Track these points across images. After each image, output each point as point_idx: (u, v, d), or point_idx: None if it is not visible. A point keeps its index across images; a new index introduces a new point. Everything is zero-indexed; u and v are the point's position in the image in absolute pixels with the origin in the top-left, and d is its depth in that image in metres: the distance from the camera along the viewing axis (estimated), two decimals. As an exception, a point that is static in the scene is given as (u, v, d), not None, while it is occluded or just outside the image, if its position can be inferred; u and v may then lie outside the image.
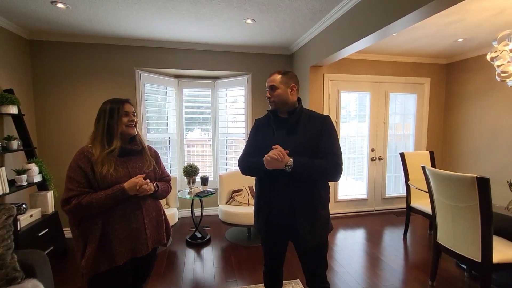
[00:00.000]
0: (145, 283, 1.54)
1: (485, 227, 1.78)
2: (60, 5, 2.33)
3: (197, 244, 3.03)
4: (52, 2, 2.28)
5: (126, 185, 1.27)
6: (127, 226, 1.30)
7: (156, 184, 1.44)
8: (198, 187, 3.18)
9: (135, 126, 1.39)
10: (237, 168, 3.66)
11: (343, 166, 1.38)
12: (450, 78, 4.16)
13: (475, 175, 1.75)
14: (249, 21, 2.70)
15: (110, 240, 1.26)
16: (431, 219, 3.06)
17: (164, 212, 1.53)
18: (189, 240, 3.08)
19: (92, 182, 1.25)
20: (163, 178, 1.57)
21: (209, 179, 3.59)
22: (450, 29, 2.89)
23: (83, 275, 1.25)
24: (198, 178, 3.21)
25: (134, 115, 1.40)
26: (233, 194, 3.28)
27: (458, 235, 1.97)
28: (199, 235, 3.13)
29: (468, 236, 1.89)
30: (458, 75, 4.02)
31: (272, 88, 1.45)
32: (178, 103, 3.84)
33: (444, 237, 2.11)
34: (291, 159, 1.31)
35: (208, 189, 3.19)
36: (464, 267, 2.49)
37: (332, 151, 1.36)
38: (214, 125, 3.99)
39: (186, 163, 3.21)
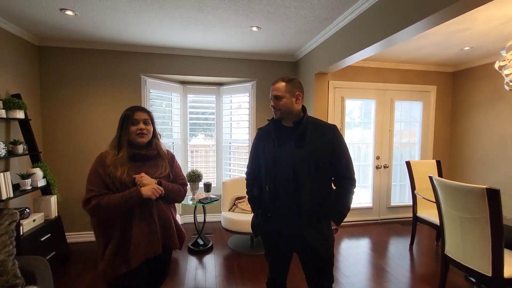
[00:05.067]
0: (162, 285, 1.63)
1: (495, 240, 1.72)
2: (69, 13, 2.37)
3: (199, 252, 2.99)
4: (61, 10, 2.32)
5: (143, 188, 1.33)
6: (143, 230, 1.36)
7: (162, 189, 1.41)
8: (201, 194, 3.16)
9: (146, 134, 1.42)
10: (241, 175, 3.69)
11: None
12: (457, 86, 4.12)
13: (485, 187, 1.70)
14: (254, 28, 2.71)
15: (126, 244, 1.32)
16: (438, 230, 3.00)
17: (174, 216, 1.55)
18: (191, 247, 3.05)
19: (110, 186, 1.33)
20: (177, 181, 1.56)
21: (212, 185, 3.57)
22: (457, 38, 2.87)
23: (103, 279, 1.33)
24: (201, 184, 3.20)
25: (146, 123, 1.42)
26: (237, 201, 3.25)
27: (467, 247, 1.91)
28: (201, 242, 3.09)
29: (478, 249, 1.83)
30: (465, 83, 3.98)
31: (277, 97, 1.39)
32: (182, 108, 3.85)
33: (452, 250, 2.05)
34: (335, 227, 1.40)
35: (211, 196, 3.16)
36: (473, 280, 2.41)
37: (347, 167, 1.46)
38: (218, 130, 3.99)
39: (189, 169, 3.20)
